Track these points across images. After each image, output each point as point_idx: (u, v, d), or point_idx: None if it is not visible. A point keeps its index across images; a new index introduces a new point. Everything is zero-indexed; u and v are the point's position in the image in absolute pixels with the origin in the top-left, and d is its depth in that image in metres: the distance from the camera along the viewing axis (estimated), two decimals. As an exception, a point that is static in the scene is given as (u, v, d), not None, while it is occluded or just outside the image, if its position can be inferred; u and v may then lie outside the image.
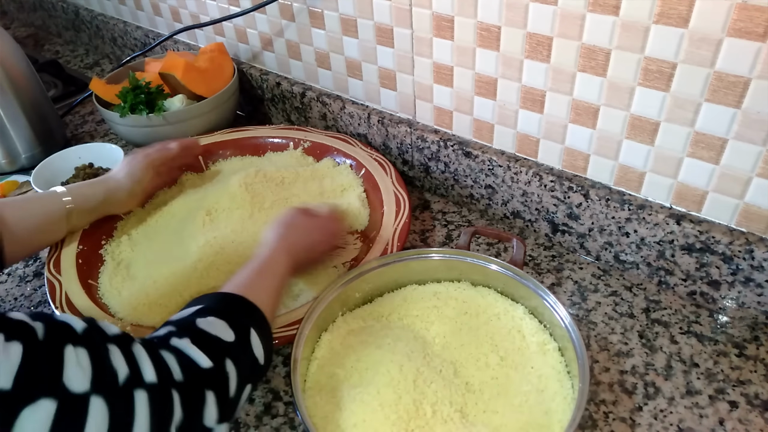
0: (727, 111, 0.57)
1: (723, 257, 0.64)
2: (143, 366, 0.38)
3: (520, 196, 0.79)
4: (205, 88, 1.00)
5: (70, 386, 0.33)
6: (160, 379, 0.39)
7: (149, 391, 0.37)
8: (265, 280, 0.56)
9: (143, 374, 0.38)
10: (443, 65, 0.78)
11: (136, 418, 0.36)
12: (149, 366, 0.39)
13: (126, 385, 0.36)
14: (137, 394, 0.37)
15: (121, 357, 0.37)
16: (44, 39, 1.69)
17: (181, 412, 0.39)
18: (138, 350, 0.39)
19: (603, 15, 0.60)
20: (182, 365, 0.41)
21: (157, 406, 0.37)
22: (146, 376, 0.38)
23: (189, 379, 0.41)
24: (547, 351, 0.59)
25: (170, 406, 0.39)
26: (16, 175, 1.03)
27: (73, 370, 0.34)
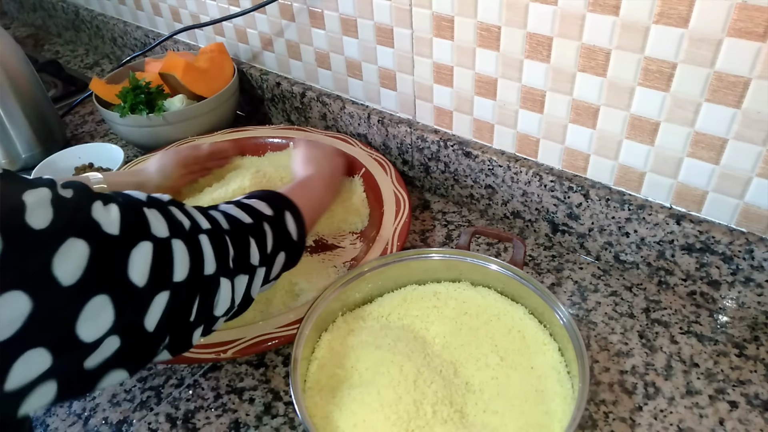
0: (727, 111, 0.57)
1: (723, 257, 0.64)
2: (198, 219, 0.47)
3: (520, 196, 0.79)
4: (205, 88, 1.00)
5: (156, 233, 0.42)
6: (213, 226, 0.48)
7: (208, 234, 0.46)
8: (303, 191, 0.66)
9: (200, 224, 0.47)
10: (443, 65, 0.78)
11: (204, 253, 0.45)
12: (203, 218, 0.48)
13: (191, 231, 0.45)
14: (201, 237, 0.46)
15: (181, 213, 0.46)
16: (44, 39, 1.69)
17: (233, 250, 0.49)
18: (191, 209, 0.48)
19: (603, 15, 0.60)
20: (228, 219, 0.51)
21: (216, 244, 0.47)
22: (202, 225, 0.47)
23: (234, 228, 0.50)
24: (547, 351, 0.59)
25: (225, 246, 0.48)
26: (16, 175, 1.03)
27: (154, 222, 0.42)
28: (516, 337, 0.60)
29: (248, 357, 0.67)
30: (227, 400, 0.63)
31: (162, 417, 0.62)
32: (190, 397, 0.64)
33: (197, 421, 0.61)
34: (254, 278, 0.52)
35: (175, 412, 0.62)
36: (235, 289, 0.49)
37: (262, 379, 0.65)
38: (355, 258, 0.76)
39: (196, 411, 0.62)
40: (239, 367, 0.67)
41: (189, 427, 0.61)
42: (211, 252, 0.46)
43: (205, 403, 0.63)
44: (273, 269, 0.55)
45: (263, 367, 0.66)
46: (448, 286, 0.67)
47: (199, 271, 0.44)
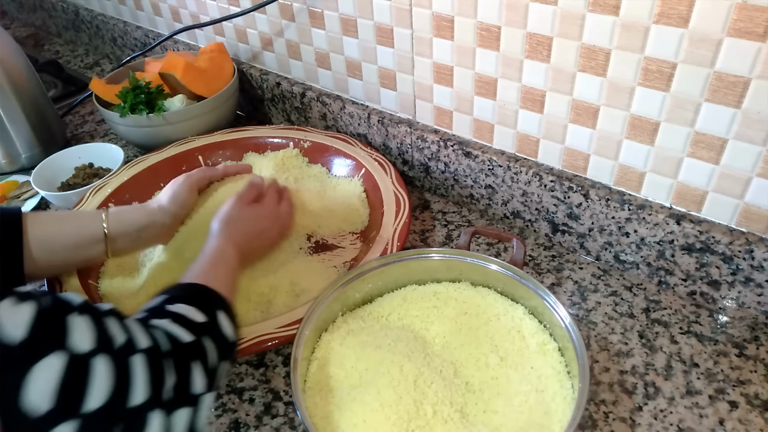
0: (727, 111, 0.57)
1: (723, 257, 0.64)
2: (137, 335, 0.41)
3: (520, 196, 0.79)
4: (205, 88, 1.00)
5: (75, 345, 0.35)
6: (152, 346, 0.41)
7: (145, 355, 0.40)
8: (220, 270, 0.59)
9: (138, 341, 0.41)
10: (443, 65, 0.78)
11: (135, 379, 0.38)
12: (142, 335, 0.41)
13: (124, 349, 0.39)
14: (135, 358, 0.39)
15: (117, 325, 0.40)
16: (44, 39, 1.69)
17: (173, 377, 0.42)
18: (130, 322, 0.42)
19: (603, 15, 0.60)
20: (168, 338, 0.44)
21: (153, 369, 0.40)
22: (141, 343, 0.41)
23: (176, 350, 0.44)
24: (547, 351, 0.59)
25: (163, 371, 0.41)
26: (16, 175, 1.03)
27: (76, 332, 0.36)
28: (516, 337, 0.60)
29: (248, 357, 0.67)
30: (227, 400, 0.63)
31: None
32: (190, 397, 0.64)
33: (197, 421, 0.61)
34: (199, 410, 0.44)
35: (175, 412, 0.62)
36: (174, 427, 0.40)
37: (262, 379, 0.65)
38: (355, 258, 0.76)
39: (196, 411, 0.62)
40: (239, 367, 0.67)
41: (189, 427, 0.61)
42: (144, 377, 0.39)
43: (205, 403, 0.63)
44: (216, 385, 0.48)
45: (263, 367, 0.66)
46: (448, 286, 0.67)
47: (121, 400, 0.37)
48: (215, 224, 0.66)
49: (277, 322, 0.63)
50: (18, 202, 0.96)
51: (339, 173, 0.90)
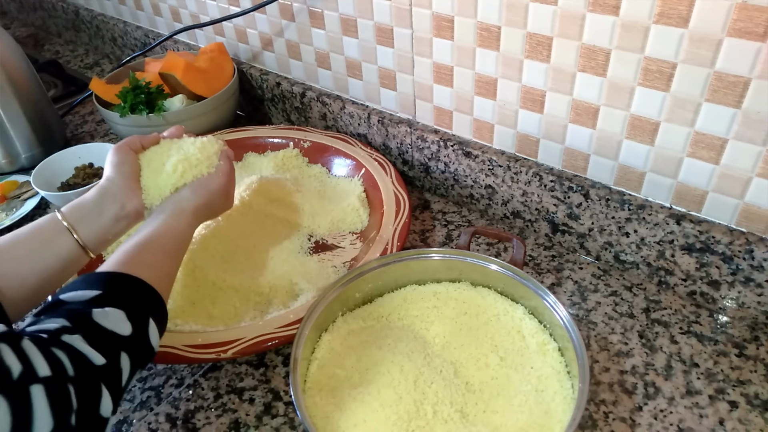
0: (727, 111, 0.57)
1: (723, 257, 0.64)
2: (35, 361, 0.38)
3: (520, 196, 0.79)
4: (205, 88, 1.00)
5: None
6: (53, 372, 0.39)
7: (45, 384, 0.38)
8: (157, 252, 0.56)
9: (36, 369, 0.38)
10: (443, 65, 0.78)
11: (35, 412, 0.37)
12: (41, 361, 0.39)
13: (21, 380, 0.37)
14: (34, 389, 0.37)
15: (12, 354, 0.37)
16: (44, 39, 1.69)
17: (77, 403, 0.40)
18: (28, 347, 0.39)
19: (603, 15, 0.60)
20: (74, 362, 0.42)
21: (55, 398, 0.38)
22: (40, 371, 0.38)
23: (82, 375, 0.42)
24: (547, 351, 0.59)
25: (68, 397, 0.39)
26: (16, 175, 1.03)
27: None
28: (516, 337, 0.60)
29: (248, 357, 0.67)
30: (227, 400, 0.63)
31: (162, 417, 0.62)
32: (190, 397, 0.64)
33: (197, 421, 0.61)
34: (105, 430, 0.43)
35: (175, 412, 0.62)
36: None
37: (262, 379, 0.65)
38: (355, 258, 0.76)
39: (196, 411, 0.62)
40: (239, 367, 0.67)
41: (189, 427, 0.61)
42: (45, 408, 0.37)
43: (205, 403, 0.63)
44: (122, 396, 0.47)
45: (263, 367, 0.66)
46: (448, 287, 0.67)
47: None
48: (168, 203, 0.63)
49: (277, 322, 0.63)
50: (18, 202, 0.96)
51: (339, 173, 0.90)
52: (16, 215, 0.93)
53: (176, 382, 0.66)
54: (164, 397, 0.64)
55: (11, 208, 0.95)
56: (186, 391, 0.65)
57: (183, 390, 0.65)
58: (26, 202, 0.96)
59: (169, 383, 0.65)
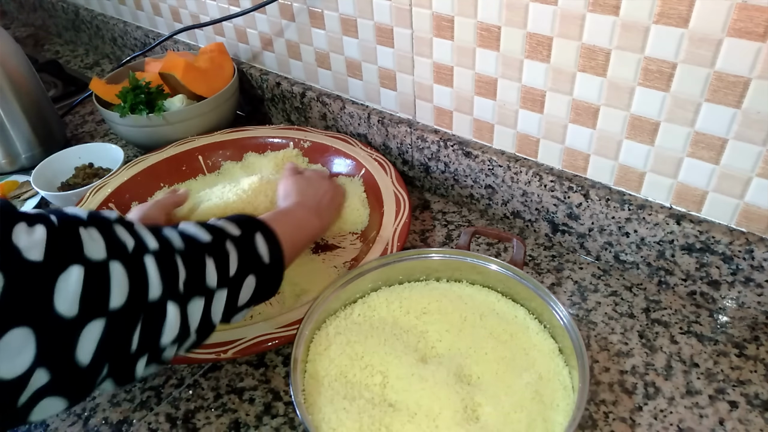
0: (727, 111, 0.57)
1: (723, 257, 0.64)
2: (146, 238, 0.44)
3: (520, 196, 0.79)
4: (205, 88, 1.00)
5: (90, 255, 0.38)
6: (161, 246, 0.44)
7: (155, 255, 0.43)
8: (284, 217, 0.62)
9: (147, 244, 0.43)
10: (443, 65, 0.78)
11: (149, 277, 0.42)
12: (151, 238, 0.44)
13: (135, 252, 0.42)
14: (146, 259, 0.42)
15: (126, 232, 0.43)
16: (44, 39, 1.69)
17: (185, 272, 0.45)
18: (140, 228, 0.45)
19: (603, 15, 0.60)
20: (182, 238, 0.47)
21: (164, 267, 0.43)
22: (149, 245, 0.43)
23: (189, 247, 0.47)
24: (547, 351, 0.58)
25: (175, 267, 0.44)
26: (16, 175, 1.03)
27: (89, 243, 0.39)
28: (516, 338, 0.60)
29: (248, 357, 0.67)
30: (227, 400, 0.63)
31: (162, 417, 0.62)
32: (190, 397, 0.64)
33: (197, 421, 0.61)
34: (213, 302, 0.48)
35: (175, 412, 0.62)
36: (189, 314, 0.45)
37: (262, 379, 0.65)
38: (355, 258, 0.76)
39: (196, 411, 0.62)
40: (239, 367, 0.67)
41: (189, 427, 0.61)
42: (156, 275, 0.42)
43: (205, 403, 0.63)
44: (240, 294, 0.51)
45: (263, 367, 0.66)
46: (448, 286, 0.67)
47: (140, 297, 0.41)
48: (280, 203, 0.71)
49: (277, 322, 0.63)
50: (18, 202, 0.96)
51: (339, 173, 0.90)
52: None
53: (176, 382, 0.66)
54: (164, 397, 0.64)
55: (11, 208, 0.95)
56: (186, 391, 0.65)
57: (183, 390, 0.65)
58: (26, 202, 0.96)
59: (169, 383, 0.66)
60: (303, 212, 0.66)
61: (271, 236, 0.55)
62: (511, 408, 0.53)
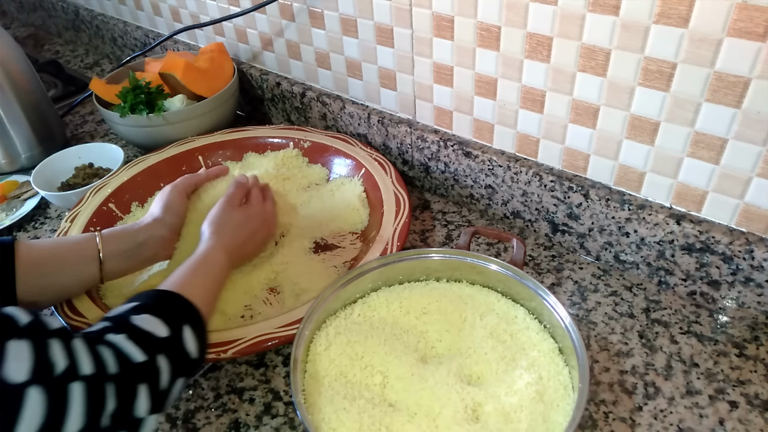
0: (727, 111, 0.57)
1: (723, 257, 0.64)
2: (81, 359, 0.41)
3: (520, 196, 0.79)
4: (205, 88, 1.00)
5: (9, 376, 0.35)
6: (96, 371, 0.41)
7: (86, 383, 0.40)
8: (200, 277, 0.59)
9: (81, 367, 0.40)
10: (443, 65, 0.78)
11: (71, 408, 0.38)
12: (87, 359, 0.41)
13: (63, 376, 0.38)
14: (73, 386, 0.39)
15: (61, 350, 0.40)
16: (44, 39, 1.69)
17: (115, 403, 0.42)
18: (77, 344, 0.41)
19: (603, 15, 0.60)
20: (117, 359, 0.44)
21: (92, 397, 0.40)
22: (83, 369, 0.40)
23: (123, 372, 0.43)
24: (547, 351, 0.58)
25: (104, 397, 0.41)
26: (16, 175, 1.03)
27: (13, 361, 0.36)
28: (516, 338, 0.60)
29: (248, 357, 0.67)
30: (227, 400, 0.63)
31: (162, 417, 0.62)
32: (190, 397, 0.64)
33: (197, 421, 0.61)
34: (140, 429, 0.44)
35: (175, 412, 0.62)
36: None
37: (262, 379, 0.65)
38: (355, 258, 0.76)
39: (196, 411, 0.62)
40: (239, 367, 0.67)
41: (189, 427, 0.61)
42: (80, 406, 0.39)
43: (205, 403, 0.63)
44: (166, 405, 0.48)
45: (263, 367, 0.66)
46: (448, 286, 0.67)
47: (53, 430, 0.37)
48: (205, 228, 0.67)
49: (277, 322, 0.63)
50: (18, 202, 0.96)
51: (339, 173, 0.90)
52: (16, 215, 0.93)
53: (176, 382, 0.66)
54: (164, 397, 0.64)
55: (11, 208, 0.95)
56: (186, 391, 0.65)
57: (183, 390, 0.65)
58: (26, 202, 0.96)
59: (169, 383, 0.66)
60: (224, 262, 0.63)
61: (198, 325, 0.53)
62: (511, 408, 0.53)
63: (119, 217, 0.84)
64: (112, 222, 0.83)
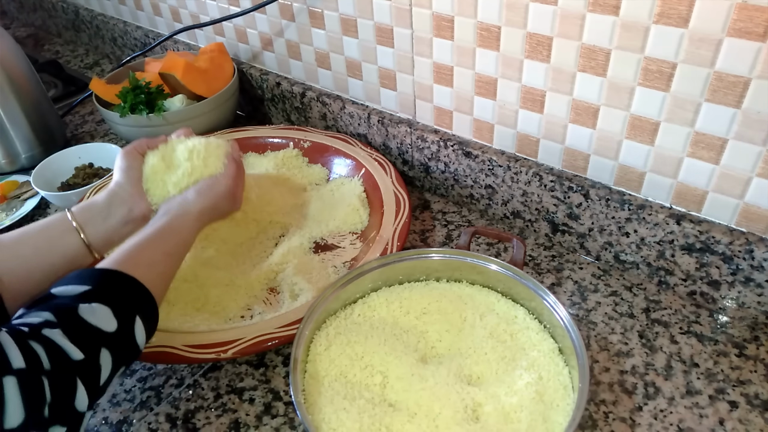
0: (727, 111, 0.57)
1: (723, 257, 0.64)
2: (10, 353, 0.40)
3: (520, 196, 0.79)
4: (205, 88, 1.00)
5: None
6: (28, 365, 0.40)
7: (18, 376, 0.39)
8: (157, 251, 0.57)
9: (10, 361, 0.39)
10: (443, 65, 0.78)
11: (7, 402, 0.38)
12: (16, 353, 0.40)
13: None
14: (6, 380, 0.39)
15: None
16: (44, 39, 1.69)
17: (50, 396, 0.41)
18: (5, 339, 0.41)
19: (603, 15, 0.60)
20: (51, 355, 0.42)
21: (28, 390, 0.39)
22: (14, 363, 0.40)
23: (58, 369, 0.42)
24: (547, 351, 0.58)
25: (41, 390, 0.40)
26: (16, 175, 1.03)
27: None
28: (516, 338, 0.60)
29: (248, 357, 0.67)
30: (227, 400, 0.63)
31: (162, 417, 0.62)
32: (190, 397, 0.64)
33: (197, 421, 0.61)
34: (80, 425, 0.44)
35: (175, 412, 0.62)
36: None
37: (262, 379, 0.65)
38: (355, 258, 0.76)
39: (196, 411, 0.62)
40: (239, 367, 0.67)
41: (189, 427, 0.61)
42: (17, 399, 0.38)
43: (205, 403, 0.63)
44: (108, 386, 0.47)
45: (263, 367, 0.66)
46: (448, 286, 0.67)
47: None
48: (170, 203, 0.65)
49: (277, 322, 0.63)
50: (18, 202, 0.96)
51: (339, 173, 0.90)
52: (16, 215, 0.93)
53: (176, 382, 0.66)
54: (164, 397, 0.64)
55: (11, 208, 0.96)
56: (186, 391, 0.65)
57: (183, 390, 0.65)
58: (26, 202, 0.96)
59: (169, 383, 0.66)
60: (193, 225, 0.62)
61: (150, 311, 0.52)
62: (511, 408, 0.53)
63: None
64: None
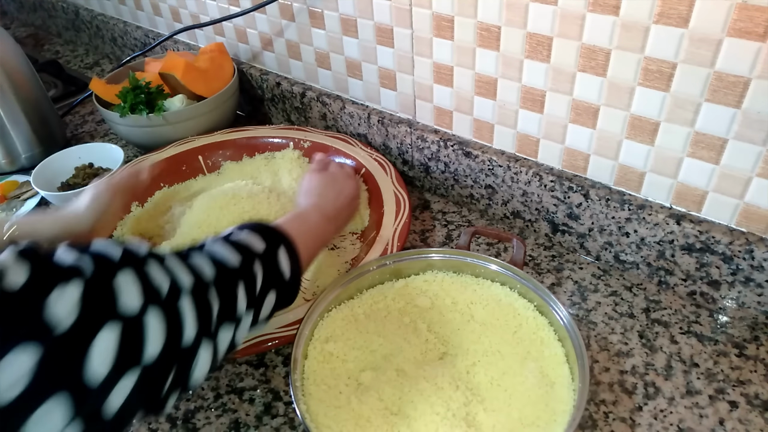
0: (727, 111, 0.57)
1: (723, 257, 0.64)
2: (179, 276, 0.43)
3: (520, 196, 0.79)
4: (205, 88, 1.00)
5: (125, 309, 0.37)
6: (196, 282, 0.43)
7: (191, 295, 0.42)
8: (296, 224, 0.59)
9: (181, 283, 0.42)
10: (443, 65, 0.78)
11: (184, 321, 0.41)
12: (184, 273, 0.43)
13: (170, 296, 0.41)
14: (181, 302, 0.41)
15: (159, 271, 0.41)
16: (44, 39, 1.69)
17: (218, 303, 0.45)
18: (172, 262, 0.44)
19: (603, 15, 0.60)
20: (214, 264, 0.46)
21: (199, 306, 0.42)
22: (184, 284, 0.42)
23: (220, 275, 0.46)
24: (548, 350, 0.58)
25: (209, 303, 0.44)
26: (16, 175, 1.03)
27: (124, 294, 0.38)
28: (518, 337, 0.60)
29: (248, 357, 0.67)
30: (227, 400, 0.63)
31: (162, 417, 0.62)
32: (190, 397, 0.64)
33: (197, 421, 0.61)
34: (240, 326, 0.48)
35: (175, 412, 0.62)
36: (218, 347, 0.45)
37: (262, 379, 0.65)
38: (355, 258, 0.76)
39: (196, 411, 0.62)
40: (239, 367, 0.67)
41: (189, 427, 0.61)
42: (192, 317, 0.42)
43: (205, 403, 0.63)
44: (261, 311, 0.51)
45: (263, 367, 0.66)
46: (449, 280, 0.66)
47: (175, 344, 0.40)
48: (300, 200, 0.69)
49: (277, 322, 0.63)
50: (18, 202, 0.96)
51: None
52: (16, 215, 0.93)
53: (176, 382, 0.66)
54: (164, 397, 0.64)
55: (11, 208, 0.96)
56: (186, 391, 0.65)
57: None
58: (26, 202, 0.96)
59: (169, 383, 0.65)
60: (320, 219, 0.64)
61: (292, 251, 0.54)
62: (510, 407, 0.54)
63: (119, 218, 0.83)
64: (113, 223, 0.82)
